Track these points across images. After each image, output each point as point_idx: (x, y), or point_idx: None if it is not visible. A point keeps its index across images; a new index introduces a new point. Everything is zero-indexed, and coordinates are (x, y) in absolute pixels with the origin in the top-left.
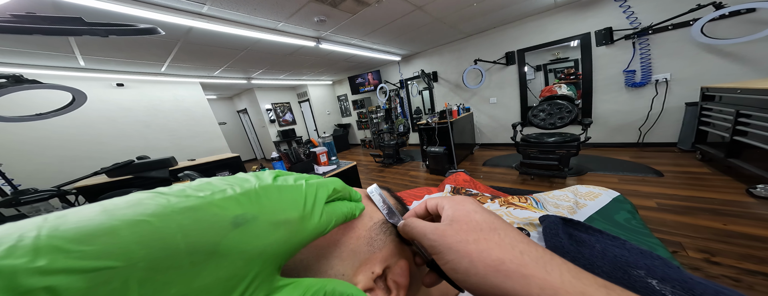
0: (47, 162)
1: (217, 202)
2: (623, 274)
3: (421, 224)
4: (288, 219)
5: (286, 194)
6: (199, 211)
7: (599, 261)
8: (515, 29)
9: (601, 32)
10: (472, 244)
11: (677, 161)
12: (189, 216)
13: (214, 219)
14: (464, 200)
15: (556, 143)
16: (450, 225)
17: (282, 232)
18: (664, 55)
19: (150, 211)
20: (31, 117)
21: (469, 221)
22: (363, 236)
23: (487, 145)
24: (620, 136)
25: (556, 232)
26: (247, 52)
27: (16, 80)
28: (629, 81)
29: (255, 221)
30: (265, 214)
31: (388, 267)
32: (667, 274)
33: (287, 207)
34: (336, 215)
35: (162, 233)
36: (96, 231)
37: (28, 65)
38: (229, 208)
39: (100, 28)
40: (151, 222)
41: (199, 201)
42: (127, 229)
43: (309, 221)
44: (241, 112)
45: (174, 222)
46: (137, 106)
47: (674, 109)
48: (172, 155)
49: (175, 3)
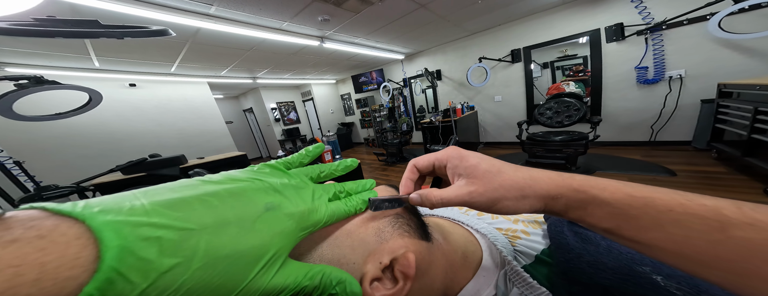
0: (66, 160)
1: (254, 192)
2: (628, 271)
3: (439, 194)
4: (300, 211)
5: (301, 191)
6: (243, 196)
7: (604, 257)
8: (521, 26)
9: (611, 28)
10: (499, 192)
11: (691, 160)
12: (237, 199)
13: (253, 203)
14: (461, 156)
15: (563, 142)
16: (468, 189)
17: (296, 220)
18: (679, 51)
19: (209, 192)
20: (51, 116)
21: (482, 177)
22: (372, 226)
23: (492, 144)
24: (631, 134)
25: (560, 230)
26: (252, 51)
27: (37, 81)
28: (641, 77)
29: (279, 208)
30: (286, 205)
31: (395, 258)
32: (673, 271)
33: (300, 202)
34: (338, 212)
35: (219, 209)
36: (179, 203)
37: (46, 66)
38: (262, 197)
39: (115, 31)
40: (211, 201)
41: (240, 189)
42: (198, 204)
43: (314, 214)
44: (247, 111)
45: (226, 203)
46: (148, 106)
47: (689, 107)
48: (182, 153)
49: (184, 4)
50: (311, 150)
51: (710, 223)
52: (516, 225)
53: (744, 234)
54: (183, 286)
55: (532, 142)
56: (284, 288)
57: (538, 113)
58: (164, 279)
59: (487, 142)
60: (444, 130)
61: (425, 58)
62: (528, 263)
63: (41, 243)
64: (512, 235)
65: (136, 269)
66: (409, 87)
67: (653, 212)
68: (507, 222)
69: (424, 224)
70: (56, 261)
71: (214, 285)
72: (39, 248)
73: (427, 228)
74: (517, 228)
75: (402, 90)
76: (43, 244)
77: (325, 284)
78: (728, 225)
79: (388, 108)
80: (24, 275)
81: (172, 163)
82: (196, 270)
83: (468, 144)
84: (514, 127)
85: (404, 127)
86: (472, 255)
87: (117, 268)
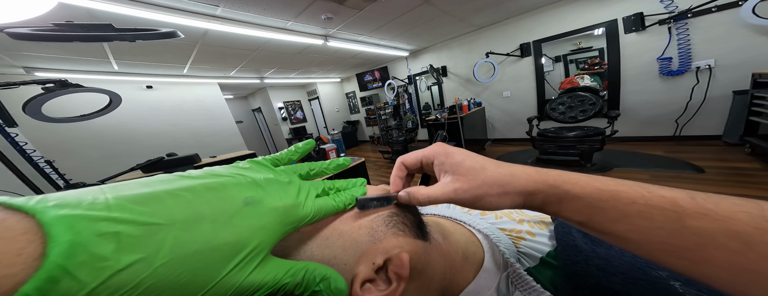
0: (92, 159)
1: (234, 186)
2: (642, 275)
3: (425, 192)
4: (284, 206)
5: (286, 187)
6: (221, 191)
7: (616, 260)
8: (531, 19)
9: (630, 18)
10: (483, 189)
11: (722, 155)
12: (213, 194)
13: (231, 197)
14: (447, 153)
15: (577, 137)
16: (453, 186)
17: (279, 214)
18: (707, 40)
19: (182, 187)
20: (77, 118)
21: (466, 173)
22: (365, 226)
23: (500, 141)
24: (653, 128)
25: (568, 230)
26: (258, 52)
27: (62, 85)
28: (665, 69)
29: (260, 203)
30: (268, 199)
31: (389, 258)
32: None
33: (285, 196)
34: (325, 208)
35: (193, 204)
36: (147, 197)
37: (71, 71)
38: (242, 191)
39: (128, 34)
40: (184, 195)
41: (219, 183)
42: (169, 199)
43: (300, 209)
44: (256, 110)
45: (202, 197)
46: (164, 107)
47: (719, 98)
48: (196, 152)
49: (192, 7)
50: (300, 146)
51: (668, 214)
52: (521, 226)
53: (698, 224)
54: (142, 284)
55: (543, 139)
56: (261, 285)
57: (549, 108)
58: (120, 277)
59: (495, 139)
60: (449, 127)
61: (430, 54)
62: (532, 265)
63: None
64: (516, 236)
65: (87, 266)
66: (415, 84)
67: (619, 204)
68: (512, 222)
69: (422, 223)
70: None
71: (180, 283)
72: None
73: (424, 227)
74: (522, 229)
75: (407, 87)
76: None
77: (309, 281)
78: (684, 216)
79: (393, 106)
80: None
81: (187, 162)
82: (159, 267)
83: (475, 141)
84: (523, 123)
85: (409, 125)
86: (473, 256)
87: (63, 265)
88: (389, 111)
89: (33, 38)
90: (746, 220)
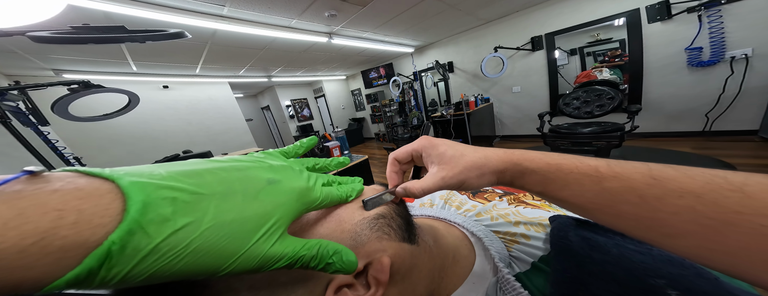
0: (116, 156)
1: (256, 169)
2: (638, 282)
3: (419, 185)
4: (299, 187)
5: (298, 174)
6: (247, 171)
7: (612, 266)
8: (542, 12)
9: (654, 6)
10: (464, 173)
11: (758, 152)
12: (241, 173)
13: (257, 177)
14: (433, 145)
15: (593, 134)
16: (440, 175)
17: (296, 193)
18: (743, 28)
19: (216, 167)
20: (100, 117)
21: (449, 162)
22: (348, 230)
23: (509, 137)
24: (679, 124)
25: (564, 233)
26: (265, 51)
27: (85, 86)
28: (694, 60)
29: (280, 183)
30: (286, 181)
31: (369, 263)
32: (696, 286)
33: (299, 180)
34: (331, 195)
35: (227, 180)
36: (192, 173)
37: (95, 72)
38: (264, 173)
39: (137, 35)
40: (219, 173)
41: (244, 166)
42: (208, 175)
43: (312, 192)
44: (265, 108)
45: (233, 175)
46: (180, 106)
47: (756, 90)
48: (209, 149)
49: (199, 7)
50: (305, 142)
51: (593, 179)
52: (516, 229)
53: (610, 185)
54: (191, 244)
55: (555, 135)
56: (282, 256)
57: (563, 103)
58: (176, 236)
59: (504, 136)
60: (455, 124)
61: (436, 50)
62: (523, 270)
63: (80, 193)
64: (510, 239)
65: (155, 223)
66: (420, 80)
67: (561, 175)
68: (507, 225)
69: (411, 224)
70: (91, 208)
71: (218, 247)
72: (78, 197)
73: (413, 230)
74: (517, 232)
75: (412, 84)
76: (81, 195)
77: (323, 254)
78: (602, 179)
79: (399, 102)
80: (65, 218)
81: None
82: (205, 231)
83: (483, 137)
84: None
85: (415, 122)
86: (464, 260)
87: (139, 220)
88: (394, 108)
89: (51, 41)
90: (638, 178)
